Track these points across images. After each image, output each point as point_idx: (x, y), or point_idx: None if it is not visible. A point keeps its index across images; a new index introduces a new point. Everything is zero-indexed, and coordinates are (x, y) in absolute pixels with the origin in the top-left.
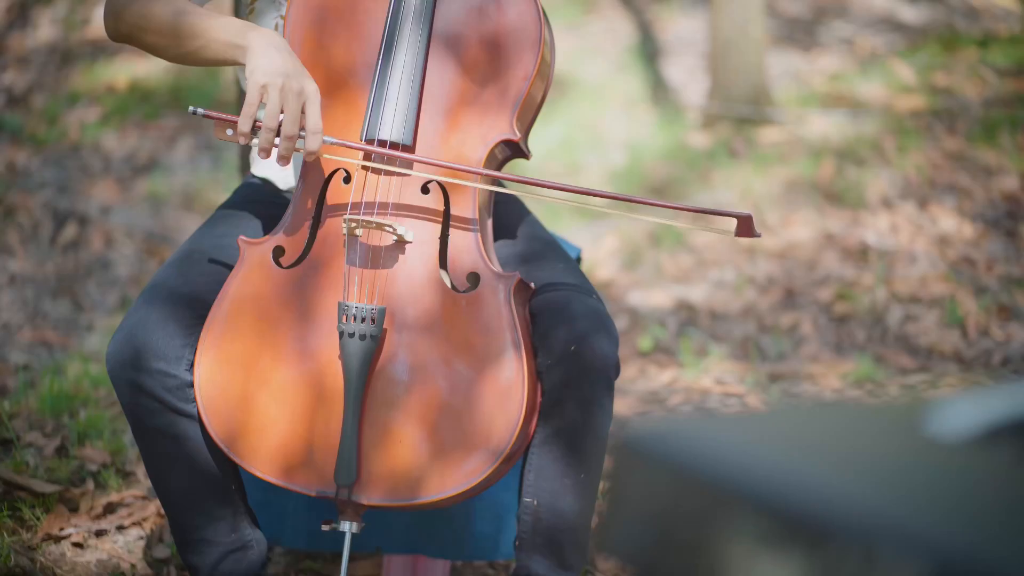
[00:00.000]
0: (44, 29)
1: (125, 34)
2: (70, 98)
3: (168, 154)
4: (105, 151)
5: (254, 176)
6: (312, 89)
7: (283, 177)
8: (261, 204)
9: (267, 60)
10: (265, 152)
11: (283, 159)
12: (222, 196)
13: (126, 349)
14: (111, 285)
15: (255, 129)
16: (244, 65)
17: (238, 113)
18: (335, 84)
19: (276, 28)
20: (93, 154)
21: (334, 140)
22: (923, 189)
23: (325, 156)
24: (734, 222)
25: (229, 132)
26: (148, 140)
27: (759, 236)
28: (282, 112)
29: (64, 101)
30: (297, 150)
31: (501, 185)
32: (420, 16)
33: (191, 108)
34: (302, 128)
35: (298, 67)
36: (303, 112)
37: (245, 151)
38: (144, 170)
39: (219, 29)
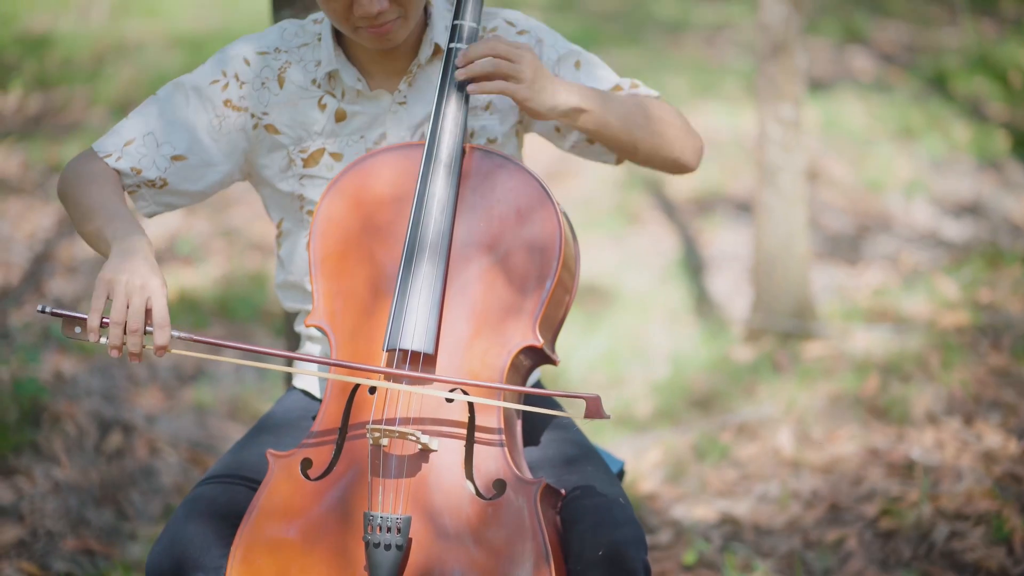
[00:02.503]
0: None
1: (62, 199)
2: None
3: (214, 363)
4: (151, 360)
5: (295, 387)
6: (156, 284)
7: (323, 389)
8: (302, 415)
9: (117, 259)
10: (116, 350)
11: (134, 356)
12: (266, 406)
13: (165, 560)
14: (155, 494)
15: (104, 326)
16: None
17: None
18: (359, 295)
19: (307, 247)
20: (140, 363)
21: (183, 334)
22: (968, 405)
23: (346, 378)
24: (583, 404)
25: (77, 330)
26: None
27: (608, 417)
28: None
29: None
30: (146, 346)
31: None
32: (441, 226)
33: (40, 307)
34: (150, 324)
35: (146, 267)
36: (150, 308)
37: (290, 361)
38: (190, 379)
39: (104, 221)
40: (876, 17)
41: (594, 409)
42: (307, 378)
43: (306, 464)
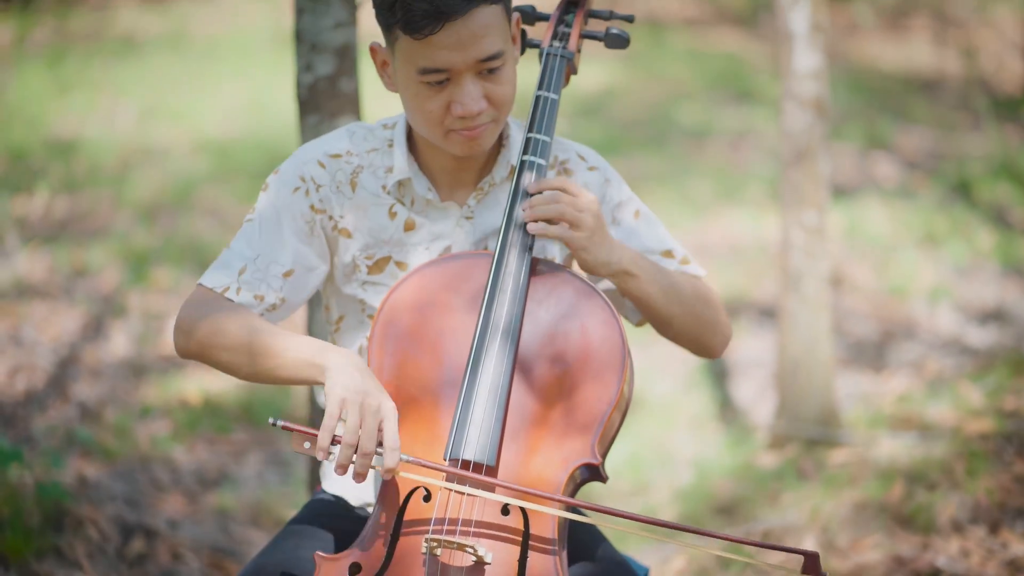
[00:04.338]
0: (118, 342)
1: (196, 352)
2: (142, 411)
3: (237, 468)
4: (174, 464)
5: (325, 492)
6: (389, 407)
7: (355, 494)
8: (332, 520)
9: (347, 377)
10: (342, 468)
11: (359, 476)
12: (290, 512)
13: None
14: None
15: (335, 444)
16: (322, 384)
17: (316, 427)
18: (419, 403)
19: (360, 351)
20: (163, 467)
21: (411, 458)
22: (994, 513)
23: (403, 475)
24: (800, 559)
25: (307, 445)
26: (217, 454)
27: None
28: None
29: (135, 414)
30: (374, 467)
31: (580, 512)
32: (507, 336)
33: (271, 420)
34: (379, 445)
35: (376, 386)
36: (380, 429)
37: (315, 466)
38: (213, 484)
39: (296, 348)
40: (900, 123)
41: (812, 567)
42: (340, 483)
43: (355, 568)
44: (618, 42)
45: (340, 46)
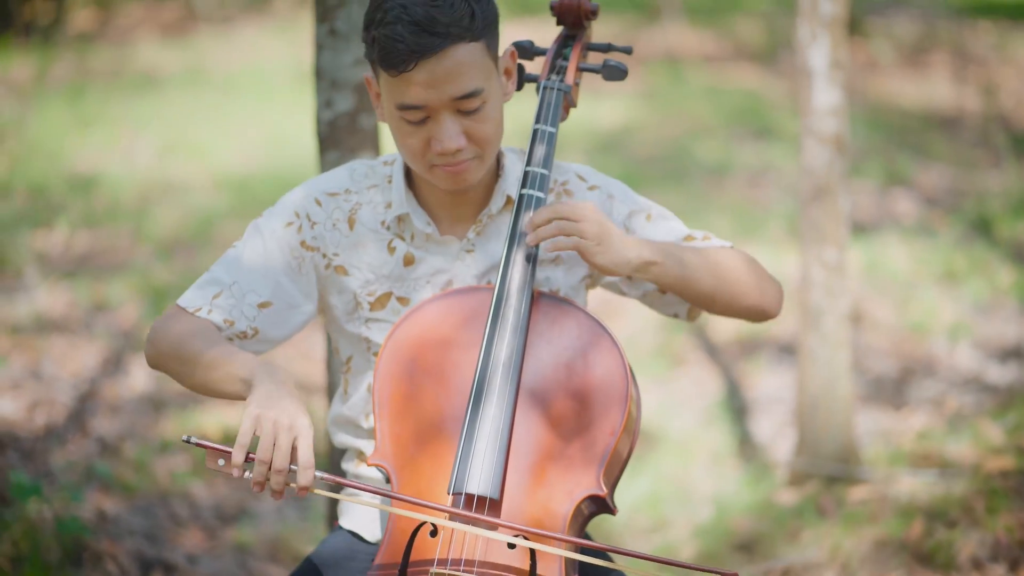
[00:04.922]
0: (137, 377)
1: (159, 361)
2: (161, 446)
3: (255, 503)
4: (193, 499)
5: (341, 527)
6: (303, 424)
7: (371, 530)
8: (348, 556)
9: (264, 394)
10: (259, 486)
11: (276, 493)
12: (308, 547)
13: None
14: None
15: (248, 461)
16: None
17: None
18: (424, 436)
19: (369, 388)
20: (181, 502)
21: (324, 474)
22: (1014, 551)
23: (409, 515)
24: None
25: (221, 463)
26: (236, 489)
27: None
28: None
29: (155, 449)
30: (289, 484)
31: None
32: (509, 370)
33: (184, 437)
34: (294, 462)
35: (294, 404)
36: (295, 447)
37: (333, 502)
38: (232, 519)
39: (231, 363)
40: (919, 160)
41: None
42: (356, 519)
43: None
44: (616, 74)
45: (360, 83)
